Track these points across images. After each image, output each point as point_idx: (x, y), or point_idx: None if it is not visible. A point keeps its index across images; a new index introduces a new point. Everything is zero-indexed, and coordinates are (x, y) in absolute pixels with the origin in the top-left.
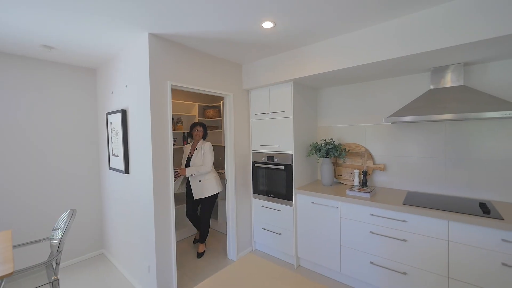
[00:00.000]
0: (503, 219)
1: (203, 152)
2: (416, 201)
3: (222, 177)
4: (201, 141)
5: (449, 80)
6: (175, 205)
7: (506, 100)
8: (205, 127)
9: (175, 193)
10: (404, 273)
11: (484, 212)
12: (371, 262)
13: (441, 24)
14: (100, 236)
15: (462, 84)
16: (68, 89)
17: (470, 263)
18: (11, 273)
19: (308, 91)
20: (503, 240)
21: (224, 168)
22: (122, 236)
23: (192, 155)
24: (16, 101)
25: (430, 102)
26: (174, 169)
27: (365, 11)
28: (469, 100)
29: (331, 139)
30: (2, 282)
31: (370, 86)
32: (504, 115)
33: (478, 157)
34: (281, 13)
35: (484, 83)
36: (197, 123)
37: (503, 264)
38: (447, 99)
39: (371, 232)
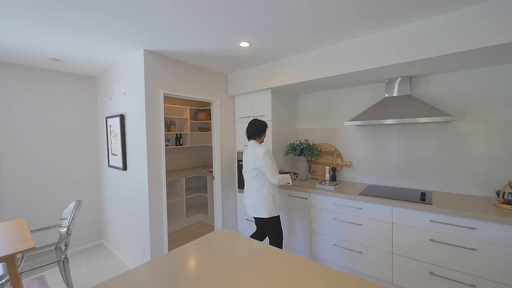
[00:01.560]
0: (431, 204)
1: None
2: (371, 192)
3: (210, 174)
4: None
5: (399, 90)
6: (168, 200)
7: (437, 108)
8: None
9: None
10: (360, 252)
11: (420, 200)
12: (335, 244)
13: (391, 44)
14: (100, 227)
15: (409, 94)
16: (70, 94)
17: (407, 240)
18: (33, 247)
19: (287, 97)
20: (431, 220)
21: (212, 166)
22: (120, 226)
23: None
24: (29, 107)
25: (382, 108)
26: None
27: (323, 35)
28: (411, 107)
29: (306, 140)
30: (23, 257)
31: (338, 93)
32: (433, 120)
33: (421, 154)
34: (255, 36)
35: (427, 92)
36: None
37: (430, 239)
38: (395, 106)
39: (334, 219)
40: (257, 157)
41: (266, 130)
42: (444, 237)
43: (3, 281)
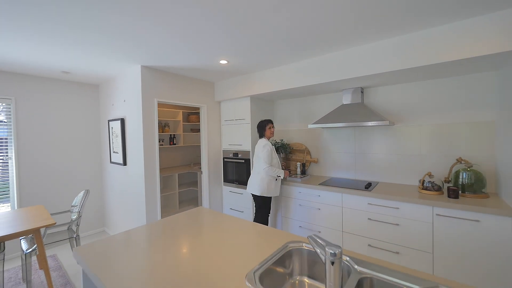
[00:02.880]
0: (370, 191)
1: None
2: (331, 183)
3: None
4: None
5: (352, 99)
6: (162, 193)
7: (380, 114)
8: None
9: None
10: (319, 232)
11: (365, 188)
12: (300, 226)
13: (337, 64)
14: (102, 216)
15: (360, 102)
16: (77, 100)
17: (352, 220)
18: (55, 223)
19: (265, 102)
20: (369, 203)
21: (200, 163)
22: (120, 215)
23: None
24: (43, 110)
25: (339, 113)
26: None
27: (288, 55)
28: (361, 113)
29: (281, 140)
30: (45, 232)
31: (308, 100)
32: (376, 124)
33: (370, 152)
34: (231, 56)
35: (375, 101)
36: (271, 120)
37: (369, 219)
38: (349, 112)
39: (300, 205)
40: (259, 148)
41: (267, 127)
42: (378, 216)
43: (32, 248)
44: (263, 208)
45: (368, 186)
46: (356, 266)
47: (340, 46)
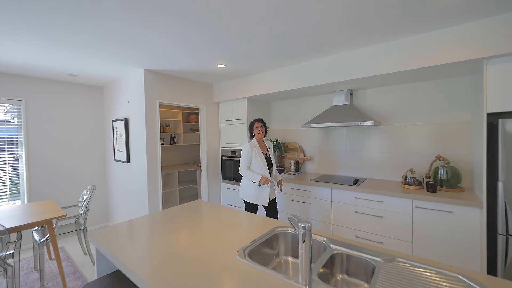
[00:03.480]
0: (357, 186)
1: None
2: (322, 179)
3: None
4: (265, 140)
5: (342, 100)
6: (163, 190)
7: (367, 114)
8: (264, 124)
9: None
10: (310, 223)
11: (353, 183)
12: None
13: (334, 66)
14: (106, 211)
15: (349, 103)
16: (83, 101)
17: (341, 213)
18: (65, 215)
19: (262, 103)
20: (355, 198)
21: (200, 161)
22: (123, 211)
23: (266, 155)
24: (51, 111)
25: (329, 114)
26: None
27: (282, 60)
28: (350, 114)
29: (277, 139)
30: (56, 223)
31: (302, 101)
32: (363, 124)
33: (360, 150)
34: (227, 61)
35: (364, 102)
36: (259, 119)
37: (355, 211)
38: (339, 113)
39: (292, 200)
40: None
41: (254, 126)
42: (363, 209)
43: (45, 238)
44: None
45: (356, 182)
46: (331, 245)
47: (331, 51)
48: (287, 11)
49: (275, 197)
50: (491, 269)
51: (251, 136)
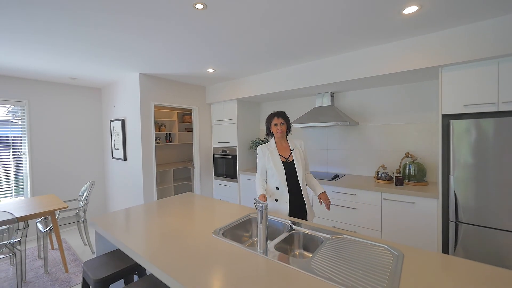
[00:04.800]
0: (335, 181)
1: (303, 153)
2: None
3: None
4: (290, 138)
5: (324, 102)
6: (159, 186)
7: (346, 115)
8: (286, 118)
9: None
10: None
11: (331, 179)
12: None
13: (315, 70)
14: (104, 206)
15: (330, 105)
16: (82, 102)
17: (320, 206)
18: (67, 207)
19: (252, 104)
20: (333, 191)
21: (193, 160)
22: (120, 204)
23: (288, 159)
24: (52, 112)
25: (312, 115)
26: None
27: (267, 65)
28: (330, 114)
29: (265, 138)
30: (58, 215)
31: (289, 102)
32: (341, 124)
33: (340, 148)
34: (216, 66)
35: (344, 104)
36: (278, 113)
37: (332, 204)
38: (320, 114)
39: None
40: None
41: (271, 123)
42: (340, 202)
43: (49, 227)
44: None
45: (335, 177)
46: (293, 226)
47: (313, 57)
48: (273, 20)
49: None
50: (445, 252)
51: (269, 134)
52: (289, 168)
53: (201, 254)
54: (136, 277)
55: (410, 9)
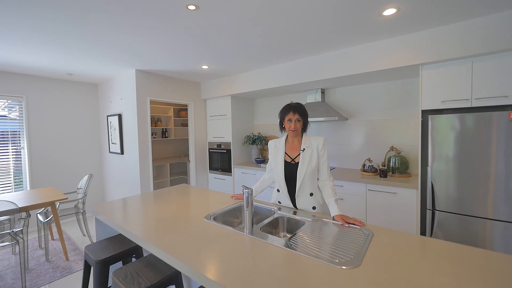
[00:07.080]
0: None
1: (321, 154)
2: None
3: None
4: (306, 136)
5: (315, 98)
6: (155, 180)
7: (336, 111)
8: (304, 114)
9: None
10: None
11: None
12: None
13: (306, 68)
14: (102, 198)
15: (320, 101)
16: (79, 97)
17: None
18: (67, 198)
19: (246, 100)
20: None
21: (189, 154)
22: (117, 196)
23: (293, 160)
24: (51, 107)
25: None
26: None
27: (259, 62)
28: (321, 110)
29: (259, 133)
30: (58, 205)
31: (279, 98)
32: (330, 119)
33: (330, 142)
34: (210, 63)
35: (335, 100)
36: (294, 108)
37: None
38: (311, 109)
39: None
40: None
41: (285, 119)
42: None
43: (49, 218)
44: None
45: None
46: (278, 211)
47: (305, 55)
48: (264, 20)
49: None
50: None
51: (282, 129)
52: (290, 170)
53: (193, 236)
54: (134, 260)
55: (389, 11)
